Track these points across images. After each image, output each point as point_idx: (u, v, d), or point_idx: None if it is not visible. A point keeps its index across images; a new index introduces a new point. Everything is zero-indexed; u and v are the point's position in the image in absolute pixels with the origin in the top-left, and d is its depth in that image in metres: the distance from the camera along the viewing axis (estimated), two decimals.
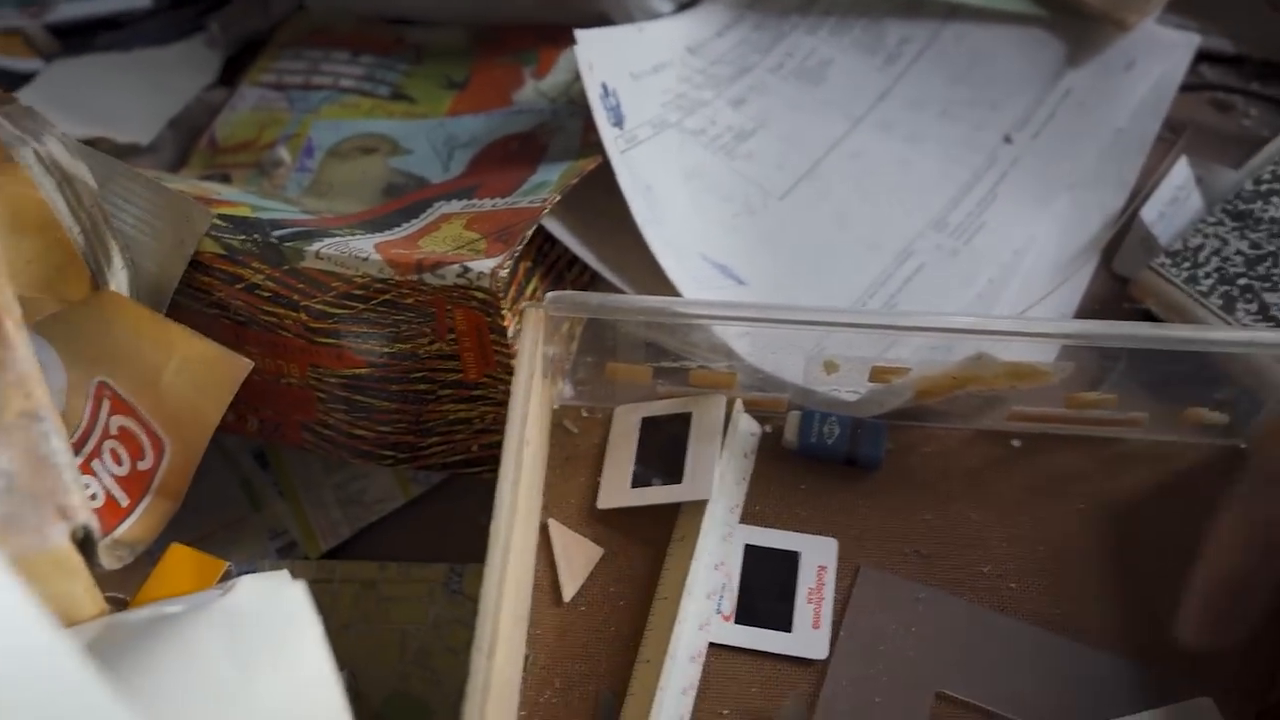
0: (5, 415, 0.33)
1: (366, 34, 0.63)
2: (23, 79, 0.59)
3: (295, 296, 0.43)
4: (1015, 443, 0.48)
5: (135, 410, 0.42)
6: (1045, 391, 0.47)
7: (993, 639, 0.43)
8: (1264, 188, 0.53)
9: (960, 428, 0.48)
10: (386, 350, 0.44)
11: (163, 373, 0.41)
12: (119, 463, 0.42)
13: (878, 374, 0.47)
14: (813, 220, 0.57)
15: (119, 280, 0.43)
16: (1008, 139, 0.59)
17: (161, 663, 0.30)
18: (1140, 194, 0.55)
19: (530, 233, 0.43)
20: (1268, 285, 0.51)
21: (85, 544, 0.34)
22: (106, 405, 0.42)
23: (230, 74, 0.63)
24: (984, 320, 0.44)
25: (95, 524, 0.34)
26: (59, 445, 0.34)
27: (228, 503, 0.51)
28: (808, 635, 0.43)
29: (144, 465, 0.42)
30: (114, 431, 0.42)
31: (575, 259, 0.52)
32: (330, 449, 0.47)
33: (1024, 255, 0.55)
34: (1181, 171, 0.55)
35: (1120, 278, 0.54)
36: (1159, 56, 0.59)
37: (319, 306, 0.43)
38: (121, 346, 0.41)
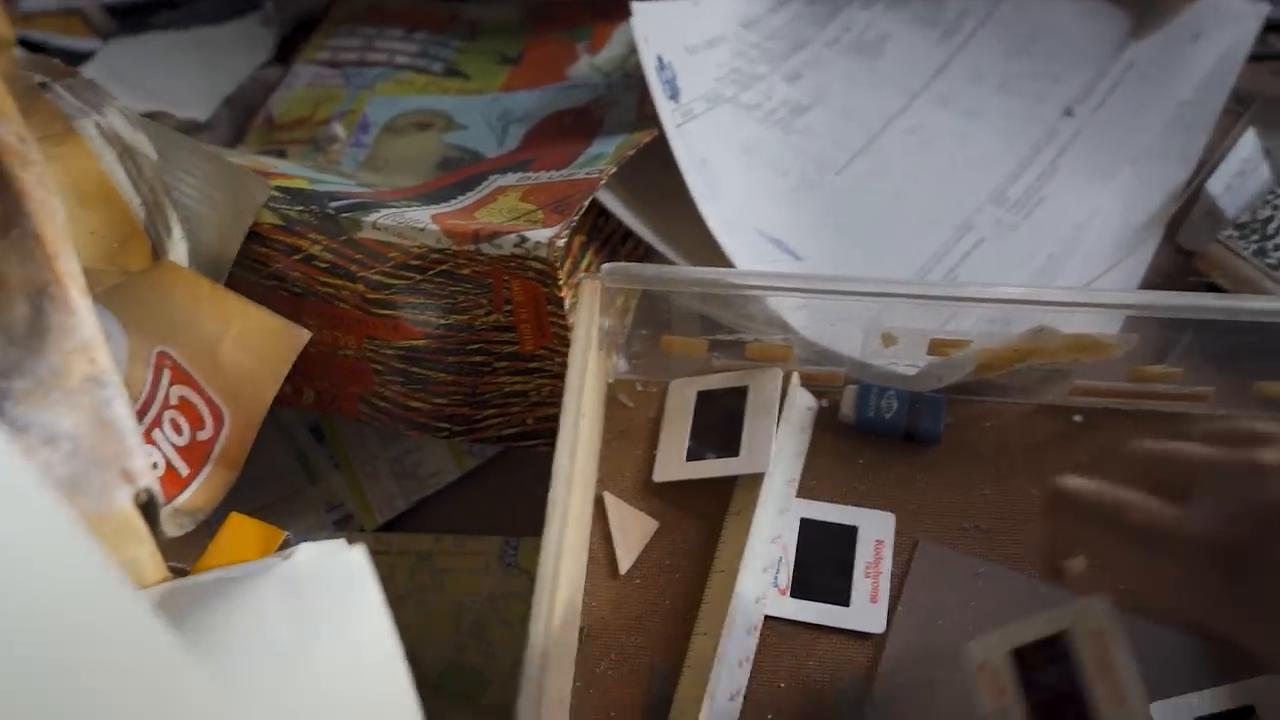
0: (69, 380, 0.33)
1: (421, 10, 0.63)
2: (81, 58, 0.60)
3: (352, 267, 0.43)
4: (1077, 418, 0.47)
5: (195, 380, 0.42)
6: (1108, 365, 0.46)
7: None
8: None
9: (1020, 402, 0.47)
10: (443, 321, 0.44)
11: (222, 343, 0.42)
12: (179, 432, 0.42)
13: (937, 347, 0.46)
14: (870, 195, 0.56)
15: (179, 251, 0.43)
16: (1069, 112, 0.58)
17: (224, 625, 0.30)
18: (1206, 167, 0.54)
19: (587, 203, 0.43)
20: None
21: (148, 508, 0.35)
22: (167, 375, 0.42)
23: (285, 52, 0.63)
24: (1046, 291, 0.43)
25: (158, 488, 0.35)
26: (123, 410, 0.34)
27: (284, 475, 0.51)
28: (865, 609, 0.43)
29: (203, 435, 0.42)
30: (174, 401, 0.42)
31: (629, 234, 0.51)
32: (386, 421, 0.47)
33: (1085, 229, 0.54)
34: (1249, 143, 0.54)
35: (1185, 252, 0.53)
36: (1226, 27, 0.58)
37: (376, 277, 0.43)
38: (182, 317, 0.42)
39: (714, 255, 0.50)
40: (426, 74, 0.60)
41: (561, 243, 0.41)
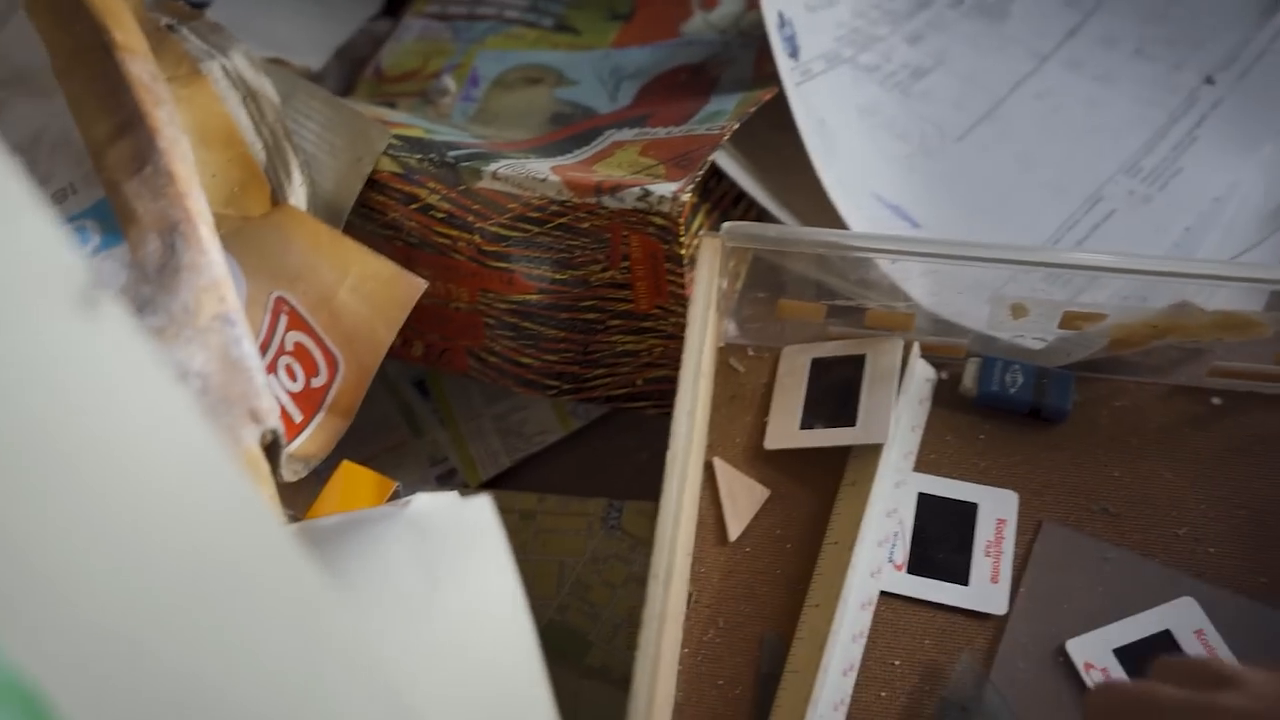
0: (200, 318, 0.33)
1: None
2: (197, 4, 0.60)
3: (469, 218, 0.42)
4: (1215, 400, 0.45)
5: (311, 326, 0.42)
6: (1252, 345, 0.43)
7: None
8: None
9: (1154, 381, 0.45)
10: (558, 276, 0.43)
11: (339, 290, 0.41)
12: (294, 378, 0.42)
13: (1070, 320, 0.44)
14: (993, 162, 0.54)
15: (298, 196, 0.43)
16: (1210, 80, 0.55)
17: (350, 567, 0.30)
18: None
19: (711, 158, 0.41)
20: None
21: (271, 449, 0.34)
22: (284, 320, 0.42)
23: (394, 5, 0.63)
24: (1194, 263, 0.41)
25: (282, 429, 0.35)
26: (250, 349, 0.34)
27: (389, 428, 0.51)
28: (985, 589, 0.41)
29: (318, 382, 0.42)
30: (290, 347, 0.42)
31: (741, 196, 0.50)
32: (495, 376, 0.47)
33: (1225, 204, 0.51)
34: None
35: None
36: None
37: (493, 229, 0.42)
38: (300, 262, 0.41)
39: (828, 220, 0.48)
40: (536, 29, 0.59)
41: (686, 197, 0.40)
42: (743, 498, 0.44)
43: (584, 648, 0.44)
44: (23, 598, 0.20)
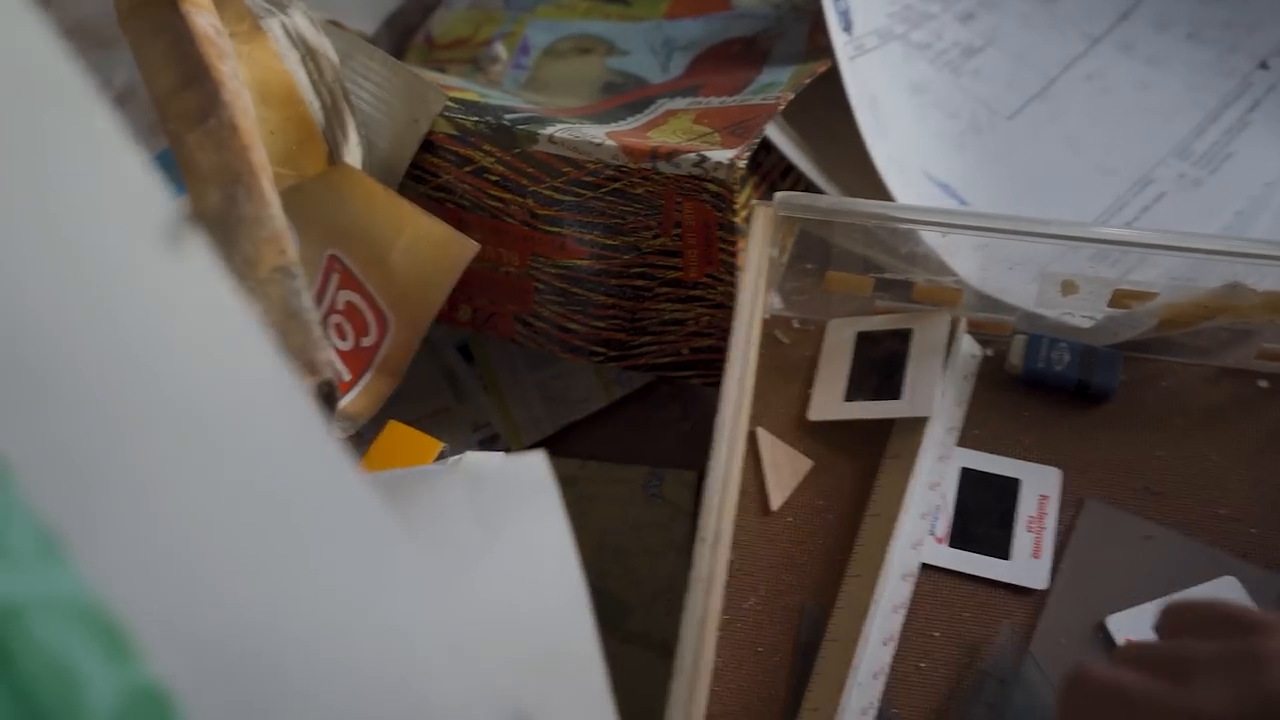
0: (260, 269, 0.34)
1: None
2: None
3: (524, 181, 0.43)
4: (1262, 383, 0.45)
5: (363, 286, 0.42)
6: None
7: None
8: None
9: (1201, 363, 0.45)
10: (609, 242, 0.43)
11: (392, 250, 0.42)
12: (343, 337, 0.43)
13: (1120, 298, 0.44)
14: (1043, 142, 0.53)
15: (354, 156, 0.43)
16: (1264, 65, 0.54)
17: (408, 515, 0.30)
18: None
19: (767, 127, 0.41)
20: None
21: (328, 401, 0.35)
22: (335, 279, 0.42)
23: None
24: (1248, 243, 0.41)
25: (337, 383, 0.35)
26: (309, 302, 0.34)
27: (432, 393, 0.51)
28: (1027, 564, 0.41)
29: (367, 341, 0.43)
30: (340, 306, 0.43)
31: (789, 169, 0.50)
32: (542, 341, 0.47)
33: (1277, 188, 0.51)
34: None
35: None
36: None
37: (546, 192, 0.43)
38: (354, 221, 0.42)
39: (878, 195, 0.49)
40: None
41: (743, 164, 0.40)
42: (786, 468, 0.44)
43: (624, 613, 0.45)
44: (106, 530, 0.21)
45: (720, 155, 0.40)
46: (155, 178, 0.21)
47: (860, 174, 0.49)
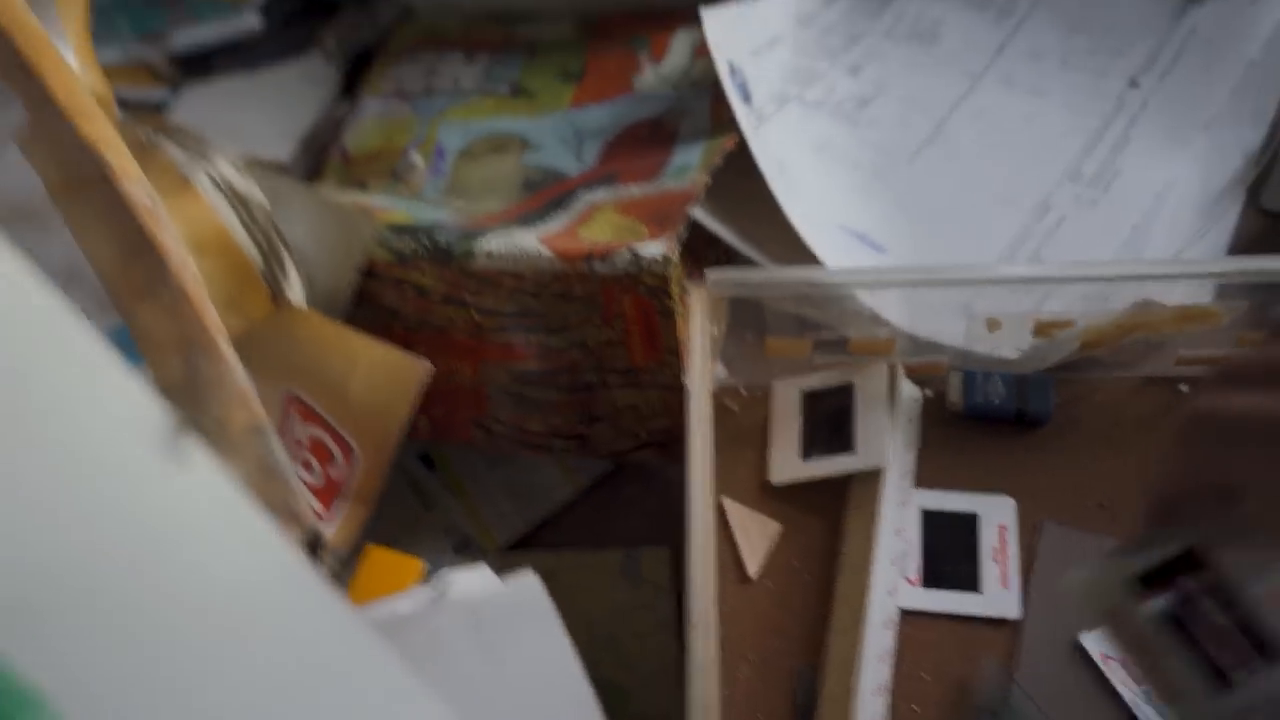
0: (232, 429, 0.34)
1: (476, 35, 0.64)
2: (155, 109, 0.61)
3: (465, 295, 0.44)
4: (1183, 387, 0.48)
5: (324, 419, 0.43)
6: (1211, 334, 0.46)
7: None
8: None
9: (1127, 376, 0.48)
10: (555, 342, 0.45)
11: (349, 382, 0.42)
12: (311, 471, 0.43)
13: (1042, 328, 0.46)
14: (944, 181, 0.56)
15: (296, 294, 0.44)
16: (1134, 83, 0.58)
17: (415, 658, 0.31)
18: None
19: (690, 215, 0.43)
20: None
21: (315, 548, 0.35)
22: (296, 416, 0.43)
23: (350, 86, 0.64)
24: (1145, 264, 0.44)
25: (321, 529, 0.35)
26: (282, 454, 0.35)
27: (400, 505, 0.52)
28: (997, 594, 0.43)
29: (336, 473, 0.43)
30: (305, 441, 0.43)
31: (712, 239, 0.52)
32: (502, 444, 0.48)
33: (1165, 199, 0.54)
34: None
35: (1271, 214, 0.53)
36: None
37: (489, 304, 0.44)
38: (307, 359, 0.42)
39: (800, 255, 0.51)
40: (494, 96, 0.60)
41: (674, 255, 0.41)
42: (756, 534, 0.46)
43: (624, 699, 0.46)
44: None
45: (651, 249, 0.41)
46: (143, 389, 0.22)
47: (782, 235, 0.51)
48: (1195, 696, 0.30)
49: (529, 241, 0.43)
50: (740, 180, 0.51)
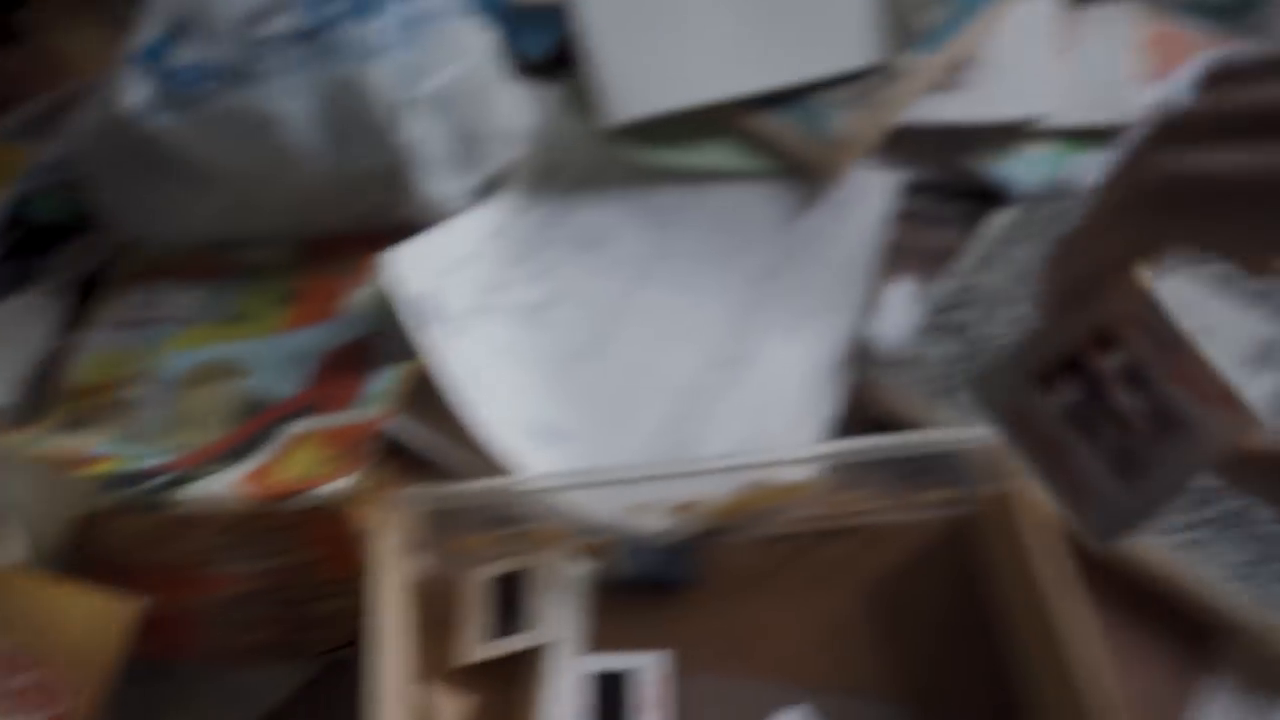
0: None
1: (199, 262, 0.70)
2: None
3: (175, 538, 0.50)
4: (798, 541, 0.58)
5: (40, 666, 0.47)
6: (812, 498, 0.57)
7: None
8: (956, 300, 0.66)
9: (757, 535, 0.58)
10: (264, 567, 0.51)
11: (64, 631, 0.47)
12: (29, 716, 0.48)
13: (678, 510, 0.56)
14: (618, 373, 0.66)
15: (10, 550, 0.49)
16: (765, 277, 0.70)
17: None
18: (868, 314, 0.67)
19: (375, 447, 0.51)
20: (959, 383, 0.62)
21: None
22: (11, 667, 0.47)
23: (74, 318, 0.68)
24: (751, 456, 0.55)
25: None
26: None
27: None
28: None
29: (56, 711, 0.48)
30: (24, 688, 0.48)
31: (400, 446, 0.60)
32: (221, 660, 0.54)
33: (788, 380, 0.66)
34: (901, 289, 0.67)
35: (862, 387, 0.65)
36: (871, 194, 0.72)
37: (197, 544, 0.50)
38: (18, 613, 0.47)
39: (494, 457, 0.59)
40: (214, 322, 0.66)
41: (363, 487, 0.49)
42: (453, 717, 0.53)
43: None
44: None
45: (339, 485, 0.49)
46: None
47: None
48: (1105, 488, 0.28)
49: (228, 483, 0.50)
50: (434, 385, 0.59)
